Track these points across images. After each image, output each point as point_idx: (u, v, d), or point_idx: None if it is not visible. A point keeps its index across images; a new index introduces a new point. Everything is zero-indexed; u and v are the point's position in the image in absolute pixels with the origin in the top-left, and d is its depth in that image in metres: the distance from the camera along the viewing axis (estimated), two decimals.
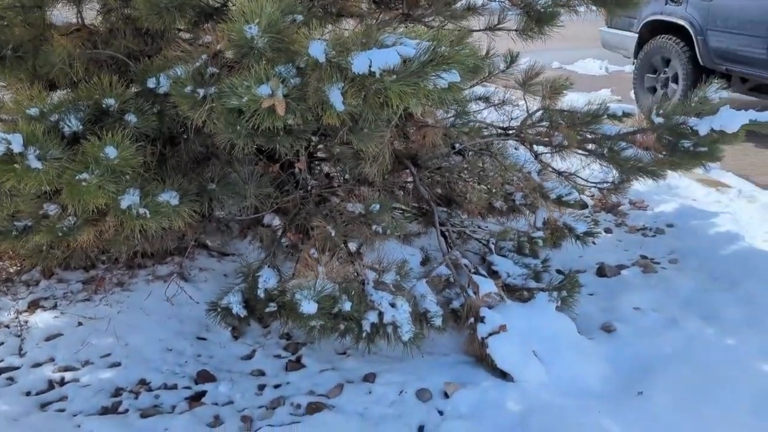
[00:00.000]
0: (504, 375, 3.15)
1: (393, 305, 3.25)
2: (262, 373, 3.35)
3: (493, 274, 3.91)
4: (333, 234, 3.56)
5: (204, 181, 3.45)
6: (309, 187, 4.16)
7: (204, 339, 3.66)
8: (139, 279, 4.23)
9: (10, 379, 3.26)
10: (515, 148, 4.87)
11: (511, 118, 4.93)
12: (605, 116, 4.45)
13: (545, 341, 3.20)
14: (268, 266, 3.69)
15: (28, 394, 3.15)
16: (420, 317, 3.35)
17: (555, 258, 4.37)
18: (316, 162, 4.61)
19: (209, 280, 4.23)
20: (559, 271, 4.25)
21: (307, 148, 3.92)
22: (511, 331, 3.23)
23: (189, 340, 3.62)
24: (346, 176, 4.34)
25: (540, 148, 4.65)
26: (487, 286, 3.43)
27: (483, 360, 3.27)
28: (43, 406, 3.06)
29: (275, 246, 3.96)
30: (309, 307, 2.96)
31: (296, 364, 3.40)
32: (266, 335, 3.70)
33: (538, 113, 4.51)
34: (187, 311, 3.88)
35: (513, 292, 3.72)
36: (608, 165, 4.57)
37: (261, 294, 3.50)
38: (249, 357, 3.50)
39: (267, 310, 3.39)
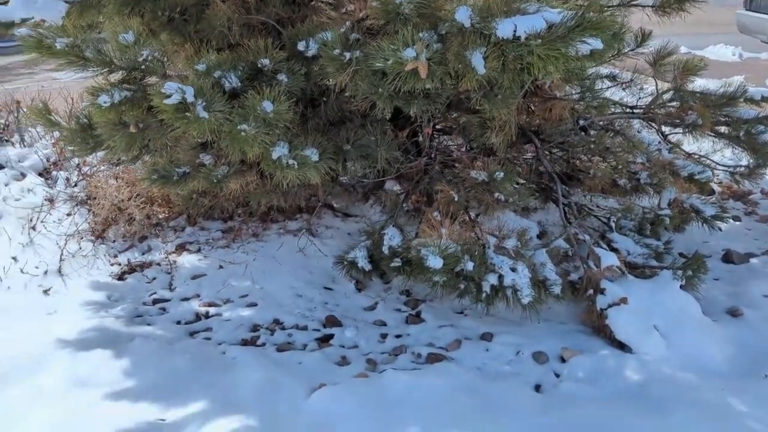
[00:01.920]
0: (622, 346, 3.17)
1: (513, 269, 3.36)
2: (383, 324, 3.57)
3: (613, 252, 3.90)
4: (456, 199, 3.70)
5: (340, 142, 3.70)
6: (432, 155, 4.32)
7: (330, 289, 3.93)
8: (271, 232, 4.58)
9: (163, 309, 3.68)
10: (638, 131, 4.78)
11: (639, 98, 4.81)
12: (742, 99, 4.27)
13: (667, 317, 3.18)
14: (393, 225, 3.89)
15: (178, 323, 3.54)
16: (539, 284, 3.42)
17: (678, 241, 4.27)
18: (438, 134, 4.75)
19: (334, 237, 4.50)
20: (681, 254, 4.15)
21: (432, 118, 4.05)
22: (632, 304, 3.24)
23: (317, 289, 3.90)
24: (470, 146, 4.45)
25: (668, 130, 4.54)
26: (609, 259, 3.44)
27: (600, 330, 3.30)
28: (192, 334, 3.43)
29: (398, 209, 4.15)
30: (435, 261, 3.13)
31: (416, 319, 3.58)
32: (387, 290, 3.91)
33: (669, 93, 4.39)
34: (315, 263, 4.17)
35: (633, 269, 3.69)
36: (743, 149, 4.40)
37: (386, 250, 3.71)
38: (372, 308, 3.73)
39: (392, 264, 3.60)
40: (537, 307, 3.26)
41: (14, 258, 3.84)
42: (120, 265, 4.09)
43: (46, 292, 3.61)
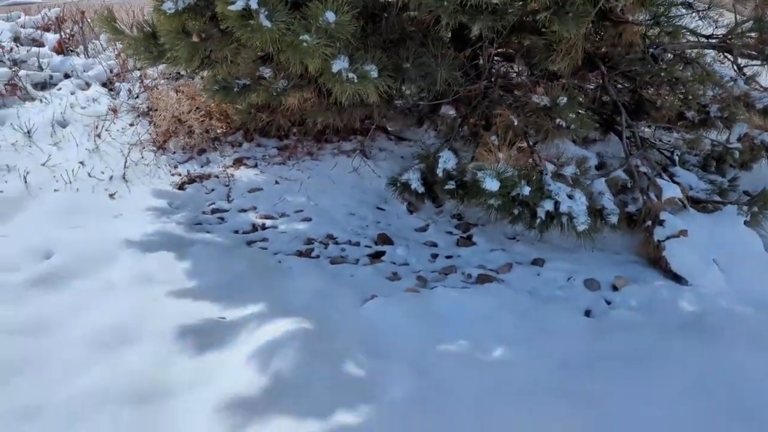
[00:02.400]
0: (677, 278, 3.13)
1: (570, 196, 3.31)
2: (434, 245, 3.60)
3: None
4: (515, 123, 3.63)
5: (399, 60, 3.63)
6: (492, 78, 4.21)
7: (382, 209, 3.97)
8: (326, 151, 4.61)
9: (221, 218, 3.79)
10: (711, 63, 4.54)
11: (715, 27, 4.54)
12: None
13: (728, 252, 3.12)
14: (448, 149, 3.85)
15: (236, 232, 3.65)
16: (595, 213, 3.37)
17: (743, 179, 4.12)
18: (498, 58, 4.61)
19: (387, 159, 4.50)
20: (746, 192, 4.00)
21: (495, 39, 3.92)
22: (691, 237, 3.18)
23: (369, 208, 3.95)
24: (531, 71, 4.31)
25: (744, 62, 4.30)
26: (671, 191, 3.36)
27: (656, 262, 3.26)
28: (249, 243, 3.54)
29: (454, 133, 4.11)
30: (492, 184, 3.11)
31: (467, 241, 3.60)
32: (439, 213, 3.93)
33: (749, 23, 4.13)
34: (368, 184, 4.20)
35: (695, 203, 3.59)
36: None
37: (440, 173, 3.70)
38: (423, 230, 3.76)
39: (445, 187, 3.59)
40: (592, 235, 3.23)
41: (82, 162, 3.98)
42: (180, 175, 4.20)
43: (111, 196, 3.76)
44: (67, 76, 5.09)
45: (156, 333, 2.58)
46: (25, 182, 3.67)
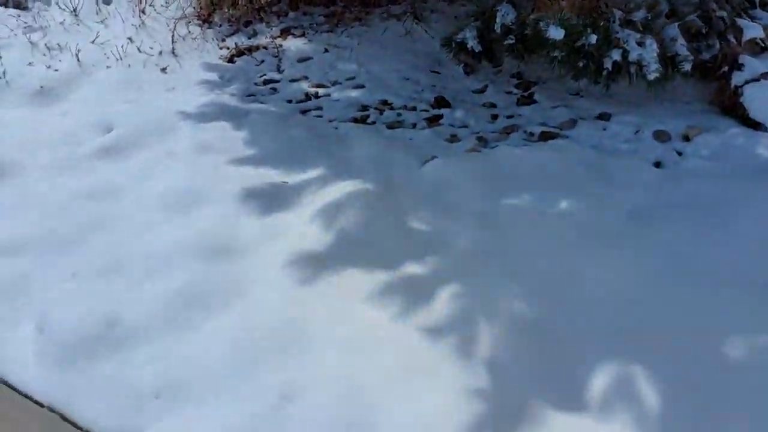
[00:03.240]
0: (756, 126, 2.94)
1: (640, 44, 3.08)
2: (493, 105, 3.47)
3: None
4: None
5: None
6: None
7: (437, 72, 3.82)
8: (374, 16, 4.40)
9: (273, 89, 3.73)
10: None
11: None
12: None
13: None
14: (507, 2, 3.60)
15: (289, 101, 3.60)
16: (667, 60, 3.14)
17: None
18: None
19: (440, 20, 4.27)
20: None
21: None
22: None
23: (424, 72, 3.80)
24: None
25: None
26: (753, 31, 3.09)
27: (732, 110, 3.06)
28: (303, 111, 3.49)
29: None
30: (556, 32, 2.91)
31: (528, 100, 3.46)
32: (497, 73, 3.76)
33: None
34: (420, 47, 4.03)
35: None
36: None
37: (498, 29, 3.47)
38: (481, 91, 3.62)
39: (505, 42, 3.39)
40: (663, 84, 3.03)
41: (130, 39, 3.93)
42: (228, 48, 4.12)
43: (163, 70, 3.73)
44: None
45: (222, 196, 2.63)
46: (78, 60, 3.66)
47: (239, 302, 2.11)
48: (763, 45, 3.10)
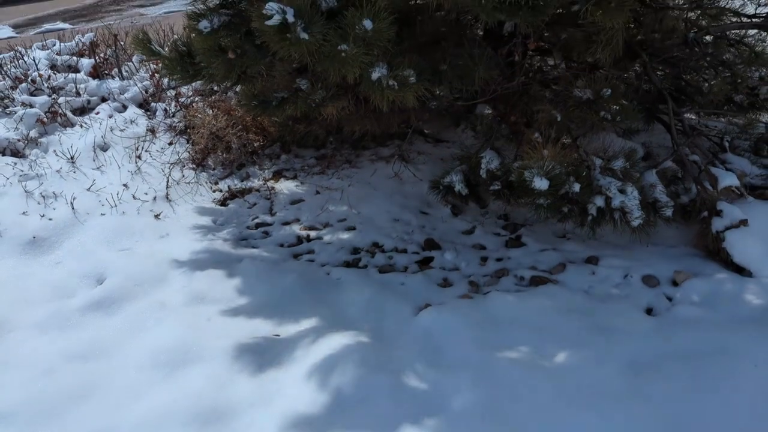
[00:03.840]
0: (740, 270, 3.01)
1: (622, 191, 3.21)
2: (483, 247, 3.54)
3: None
4: (558, 119, 3.54)
5: (436, 62, 3.58)
6: (530, 73, 4.13)
7: (426, 213, 3.92)
8: (364, 158, 4.58)
9: (266, 233, 3.78)
10: (757, 44, 4.38)
11: (757, 6, 4.38)
12: None
13: None
14: (490, 149, 3.78)
15: (281, 245, 3.64)
16: (648, 206, 3.27)
17: None
18: (534, 53, 4.52)
19: (427, 162, 4.45)
20: None
21: (532, 35, 3.84)
22: (752, 226, 3.05)
23: (413, 213, 3.90)
24: (568, 64, 4.22)
25: None
26: (728, 179, 3.24)
27: (716, 254, 3.14)
28: (296, 256, 3.53)
29: (494, 132, 4.04)
30: (540, 183, 3.03)
31: (516, 242, 3.53)
32: (484, 215, 3.86)
33: None
34: (409, 188, 4.16)
35: (752, 190, 3.46)
36: None
37: (483, 174, 3.63)
38: (469, 232, 3.70)
39: (491, 188, 3.53)
40: (647, 230, 3.12)
41: (125, 185, 4.02)
42: (221, 191, 4.22)
43: (157, 216, 3.78)
44: (104, 99, 5.17)
45: (213, 353, 2.58)
46: (73, 208, 3.71)
47: None
48: (739, 192, 3.25)
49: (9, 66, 5.55)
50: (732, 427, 2.10)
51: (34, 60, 5.55)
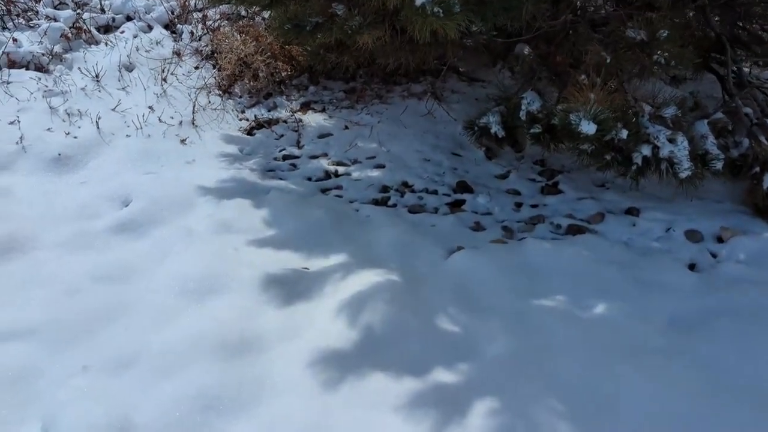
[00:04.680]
0: None
1: (672, 140, 3.05)
2: (517, 193, 3.41)
3: None
4: (608, 60, 3.34)
5: None
6: (577, 11, 3.89)
7: (458, 155, 3.78)
8: (394, 94, 4.41)
9: (293, 165, 3.67)
10: None
11: None
12: None
13: None
14: (531, 89, 3.60)
15: (309, 179, 3.54)
16: (697, 158, 3.11)
17: None
18: None
19: (461, 101, 4.28)
20: None
21: None
22: None
23: (445, 154, 3.76)
24: (619, 2, 3.96)
25: None
26: None
27: (766, 212, 3.00)
28: (324, 190, 3.43)
29: (536, 72, 3.84)
30: (588, 127, 2.87)
31: (553, 189, 3.40)
32: (520, 159, 3.72)
33: None
34: (441, 128, 4.01)
35: None
36: None
37: (523, 116, 3.46)
38: (503, 177, 3.57)
39: (531, 131, 3.37)
40: (695, 182, 2.98)
41: (151, 107, 3.90)
42: (248, 120, 4.10)
43: (183, 141, 3.68)
44: (129, 18, 4.98)
45: (241, 283, 2.52)
46: (98, 128, 3.61)
47: (259, 407, 1.97)
48: None
49: None
50: None
51: None
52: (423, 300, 2.44)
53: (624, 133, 2.99)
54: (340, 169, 3.64)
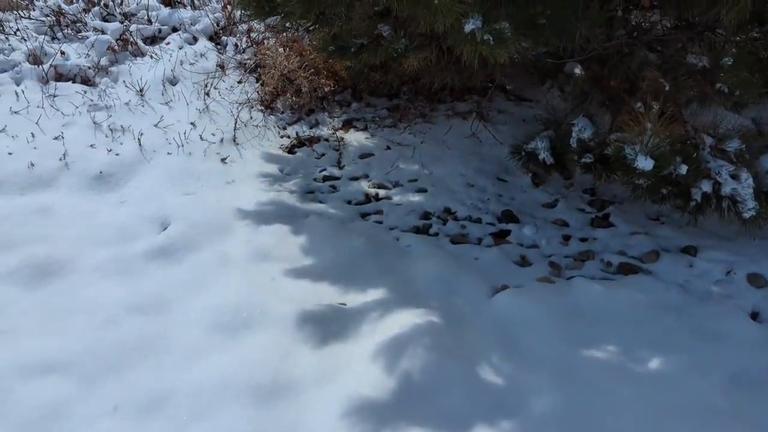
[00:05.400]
0: None
1: (735, 177, 2.86)
2: (565, 224, 3.26)
3: None
4: (667, 88, 3.16)
5: (534, 15, 3.22)
6: (634, 33, 3.71)
7: (504, 181, 3.64)
8: (439, 113, 4.29)
9: (333, 187, 3.60)
10: None
11: None
12: None
13: None
14: (583, 115, 3.44)
15: (349, 202, 3.45)
16: (762, 196, 2.91)
17: None
18: (637, 8, 4.06)
19: (507, 123, 4.14)
20: None
21: None
22: None
23: (490, 179, 3.63)
24: (679, 23, 3.76)
25: None
26: None
27: None
28: (363, 215, 3.34)
29: (589, 97, 3.67)
30: (645, 163, 2.71)
31: (603, 221, 3.24)
32: (568, 187, 3.56)
33: None
34: (486, 150, 3.88)
35: None
36: None
37: (573, 143, 3.30)
38: (551, 206, 3.42)
39: (582, 161, 3.21)
40: (761, 222, 2.78)
41: (193, 123, 3.88)
42: (289, 137, 4.04)
43: (223, 160, 3.64)
44: (174, 29, 5.00)
45: (276, 318, 2.45)
46: (140, 144, 3.61)
47: None
48: None
49: None
50: None
51: None
52: (465, 345, 2.33)
53: (683, 169, 2.81)
54: (381, 192, 3.54)
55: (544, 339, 2.36)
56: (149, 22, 4.97)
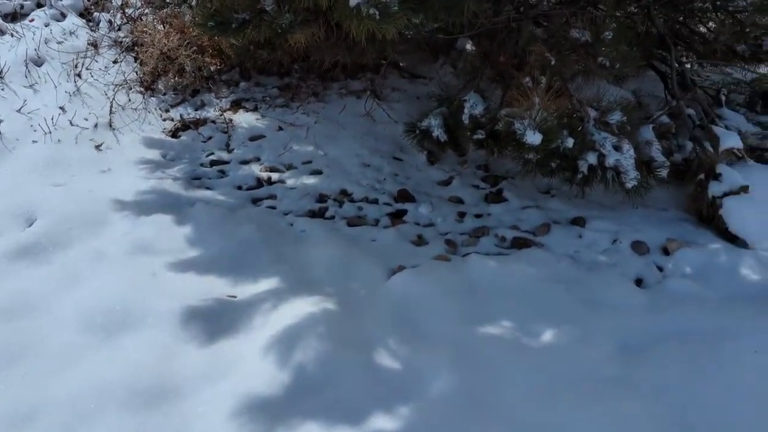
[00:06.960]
0: (734, 239, 2.82)
1: (617, 148, 2.95)
2: (460, 201, 3.26)
3: None
4: (553, 62, 3.20)
5: None
6: (520, 8, 3.74)
7: (400, 159, 3.59)
8: (332, 91, 4.17)
9: (222, 172, 3.40)
10: None
11: None
12: None
13: None
14: (474, 91, 3.43)
15: (239, 188, 3.28)
16: (642, 166, 3.02)
17: None
18: None
19: (401, 100, 4.08)
20: None
21: None
22: (752, 193, 2.84)
23: (385, 158, 3.57)
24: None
25: None
26: (730, 140, 3.00)
27: (710, 221, 2.95)
28: (255, 201, 3.18)
29: (479, 72, 3.67)
30: (533, 137, 2.73)
31: (497, 197, 3.26)
32: (463, 164, 3.56)
33: None
34: (381, 129, 3.81)
35: (751, 152, 3.24)
36: None
37: (465, 120, 3.29)
38: (446, 183, 3.41)
39: (474, 137, 3.20)
40: (642, 192, 2.89)
41: (62, 108, 3.54)
42: (173, 120, 3.78)
43: (98, 147, 3.35)
44: (39, 5, 4.54)
45: (159, 316, 2.26)
46: (0, 132, 3.24)
47: None
48: (740, 155, 3.02)
49: None
50: (731, 422, 1.93)
51: None
52: (361, 332, 2.26)
53: (570, 142, 2.86)
54: (274, 176, 3.39)
55: (441, 318, 2.33)
56: None
